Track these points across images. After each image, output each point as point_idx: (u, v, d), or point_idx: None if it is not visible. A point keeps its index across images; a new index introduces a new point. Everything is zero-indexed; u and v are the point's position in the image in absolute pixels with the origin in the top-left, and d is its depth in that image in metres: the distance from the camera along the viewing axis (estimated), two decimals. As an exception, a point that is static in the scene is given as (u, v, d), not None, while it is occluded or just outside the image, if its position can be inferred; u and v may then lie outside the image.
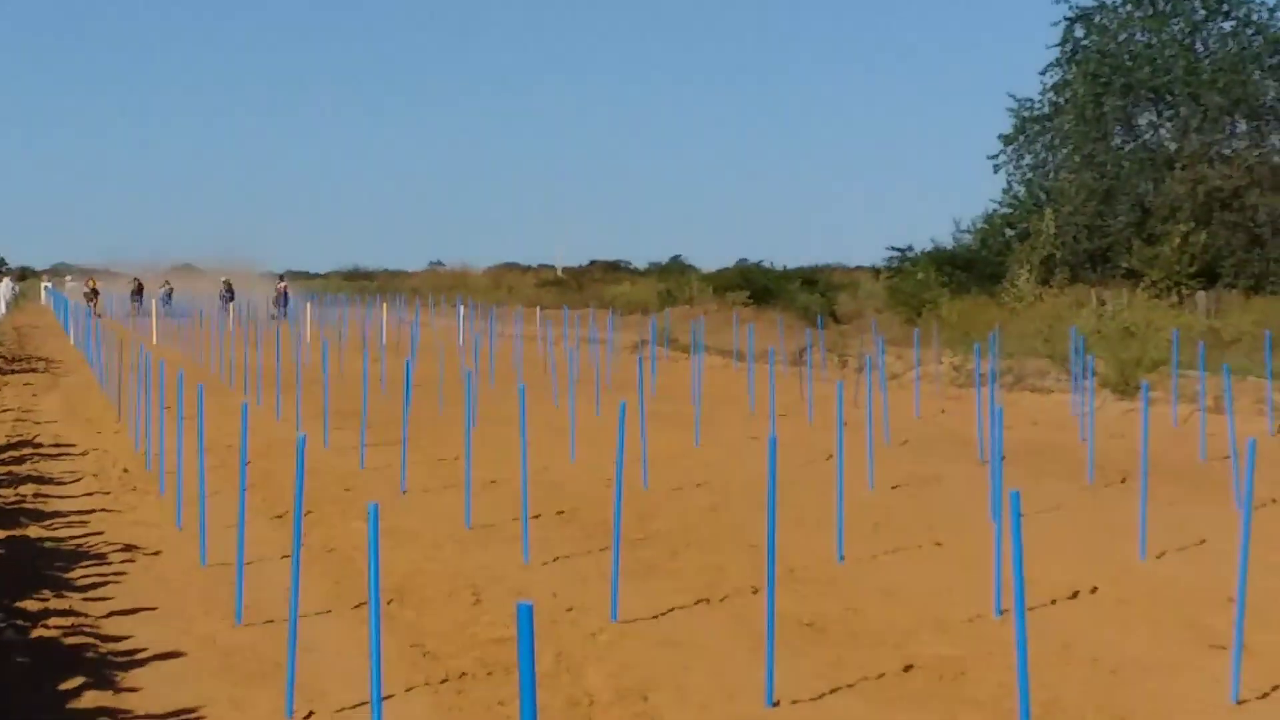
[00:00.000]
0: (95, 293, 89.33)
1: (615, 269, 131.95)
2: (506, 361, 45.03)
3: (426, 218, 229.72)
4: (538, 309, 70.65)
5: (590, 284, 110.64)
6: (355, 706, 10.31)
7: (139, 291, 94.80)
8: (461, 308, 66.07)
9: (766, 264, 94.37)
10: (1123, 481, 20.65)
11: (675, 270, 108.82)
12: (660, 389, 32.79)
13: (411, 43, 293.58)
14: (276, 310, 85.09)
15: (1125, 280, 55.74)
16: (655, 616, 13.54)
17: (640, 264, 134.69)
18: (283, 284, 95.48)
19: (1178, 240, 57.61)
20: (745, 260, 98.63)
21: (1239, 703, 10.79)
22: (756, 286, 75.77)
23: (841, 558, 16.08)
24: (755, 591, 13.61)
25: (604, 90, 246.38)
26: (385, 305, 71.45)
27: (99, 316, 67.88)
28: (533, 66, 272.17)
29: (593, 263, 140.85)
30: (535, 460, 18.39)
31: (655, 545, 16.83)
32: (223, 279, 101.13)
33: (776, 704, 10.81)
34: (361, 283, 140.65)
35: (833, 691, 11.15)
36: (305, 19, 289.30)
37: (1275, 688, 11.18)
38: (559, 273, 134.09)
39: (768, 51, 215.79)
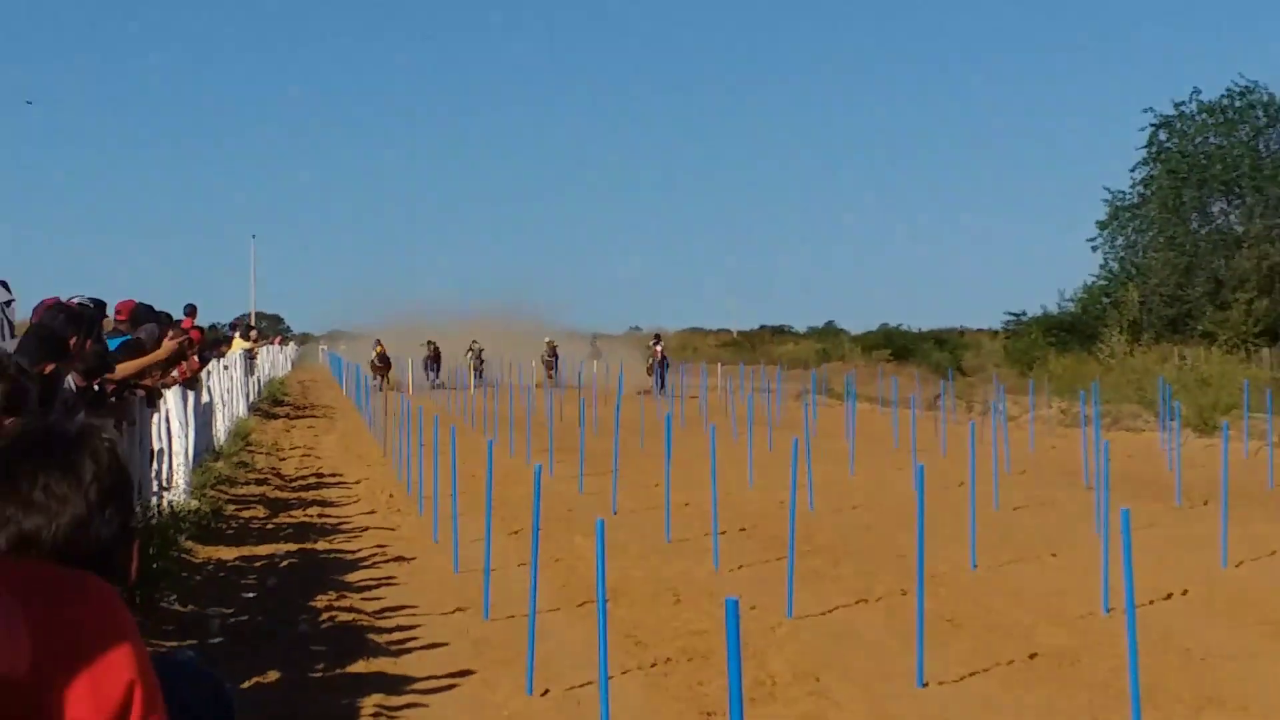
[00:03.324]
0: (386, 361, 59.34)
1: (780, 331, 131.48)
2: (693, 407, 45.10)
3: (624, 286, 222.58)
4: (719, 365, 70.61)
5: (760, 344, 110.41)
6: (583, 685, 10.34)
7: (436, 358, 63.41)
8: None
9: (905, 327, 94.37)
10: (1205, 504, 20.27)
11: (830, 333, 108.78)
12: (819, 430, 32.60)
13: (588, 123, 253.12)
14: (551, 376, 63.34)
15: (1201, 339, 55.30)
16: (823, 613, 13.46)
17: (800, 327, 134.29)
18: (551, 342, 68.50)
19: (1245, 306, 57.29)
20: (887, 324, 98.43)
21: None
22: (896, 345, 76.07)
23: (974, 565, 15.97)
24: (904, 593, 13.47)
25: (764, 176, 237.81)
26: (595, 363, 70.81)
27: (387, 392, 49.93)
28: (703, 151, 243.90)
29: (762, 327, 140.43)
30: (720, 487, 18.28)
31: (820, 556, 16.71)
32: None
33: (925, 685, 10.78)
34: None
35: (971, 675, 11.12)
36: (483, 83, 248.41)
37: None
38: (734, 335, 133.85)
39: (905, 148, 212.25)
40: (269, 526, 20.17)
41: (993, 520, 19.08)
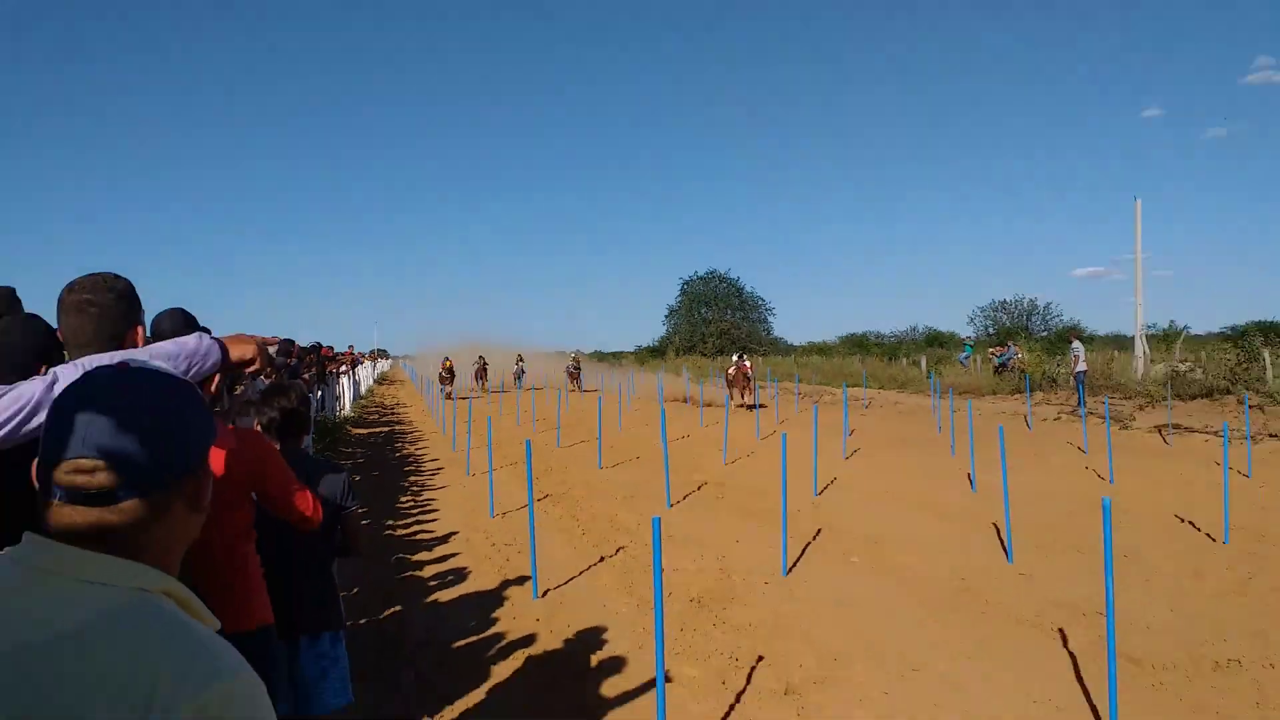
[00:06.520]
0: (451, 374, 39.36)
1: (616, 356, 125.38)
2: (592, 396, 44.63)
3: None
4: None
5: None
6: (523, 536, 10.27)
7: (483, 372, 44.20)
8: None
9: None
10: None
11: (612, 355, 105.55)
12: (635, 402, 33.75)
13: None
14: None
15: (704, 357, 70.74)
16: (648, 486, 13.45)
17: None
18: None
19: (714, 343, 76.93)
20: (639, 345, 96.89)
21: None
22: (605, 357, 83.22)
23: (725, 462, 15.82)
24: (699, 484, 14.28)
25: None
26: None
27: (450, 399, 35.10)
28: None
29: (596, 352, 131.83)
30: (625, 437, 19.28)
31: (646, 463, 16.36)
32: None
33: (672, 506, 11.21)
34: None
35: (732, 517, 11.38)
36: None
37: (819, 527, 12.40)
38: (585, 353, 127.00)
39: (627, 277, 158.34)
40: (378, 422, 25.86)
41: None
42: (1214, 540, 9.67)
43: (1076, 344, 26.36)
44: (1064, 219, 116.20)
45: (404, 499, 12.95)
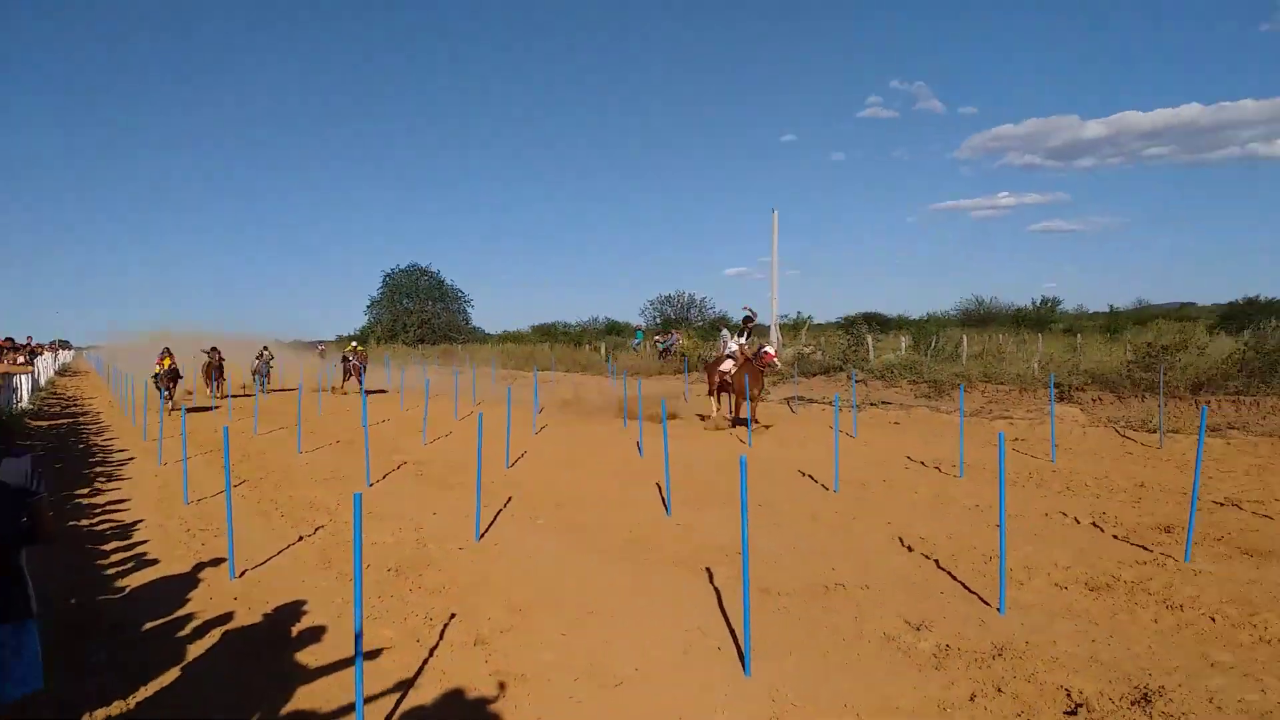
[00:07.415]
0: (173, 375, 21.80)
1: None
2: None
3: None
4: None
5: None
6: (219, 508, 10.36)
7: (219, 366, 25.15)
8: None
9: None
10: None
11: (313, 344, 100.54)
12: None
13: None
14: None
15: (404, 345, 67.33)
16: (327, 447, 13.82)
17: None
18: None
19: (413, 330, 71.93)
20: (340, 334, 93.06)
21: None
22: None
23: (425, 443, 15.71)
24: (404, 465, 14.39)
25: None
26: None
27: (173, 410, 21.93)
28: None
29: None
30: (325, 423, 18.30)
31: (355, 445, 16.10)
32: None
33: (372, 485, 11.61)
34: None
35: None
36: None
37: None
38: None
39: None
40: (60, 414, 21.42)
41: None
42: (828, 489, 10.89)
43: (725, 331, 28.47)
44: (718, 226, 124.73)
45: (90, 489, 11.96)
